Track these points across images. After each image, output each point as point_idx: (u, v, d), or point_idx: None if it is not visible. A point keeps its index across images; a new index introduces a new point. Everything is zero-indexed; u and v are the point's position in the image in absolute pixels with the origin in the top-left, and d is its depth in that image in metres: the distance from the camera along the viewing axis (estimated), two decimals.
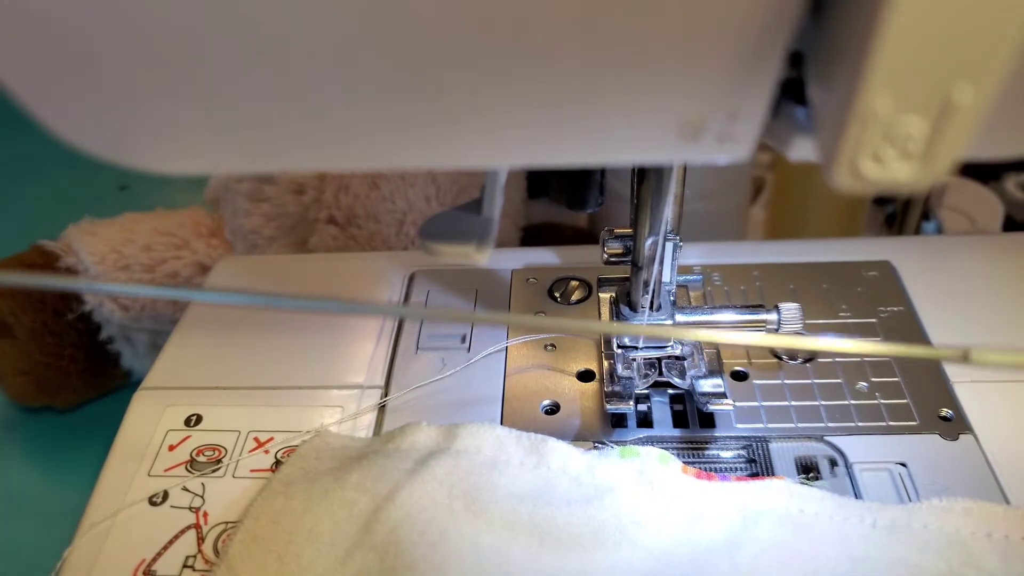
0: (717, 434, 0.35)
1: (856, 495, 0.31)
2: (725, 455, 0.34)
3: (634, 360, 0.35)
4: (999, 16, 0.14)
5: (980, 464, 0.32)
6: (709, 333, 0.21)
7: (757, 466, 0.33)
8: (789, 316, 0.34)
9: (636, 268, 0.34)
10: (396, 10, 0.16)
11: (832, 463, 0.33)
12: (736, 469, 0.34)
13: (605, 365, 0.36)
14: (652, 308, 0.34)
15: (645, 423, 0.35)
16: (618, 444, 0.33)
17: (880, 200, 0.63)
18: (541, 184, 0.58)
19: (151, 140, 0.20)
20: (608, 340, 0.36)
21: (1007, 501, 0.30)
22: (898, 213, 0.62)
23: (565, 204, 0.36)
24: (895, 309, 0.40)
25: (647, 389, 0.35)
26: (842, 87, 0.15)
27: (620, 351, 0.35)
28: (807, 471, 0.33)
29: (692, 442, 0.35)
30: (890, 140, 0.16)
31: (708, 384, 0.34)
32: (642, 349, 0.35)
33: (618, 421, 0.35)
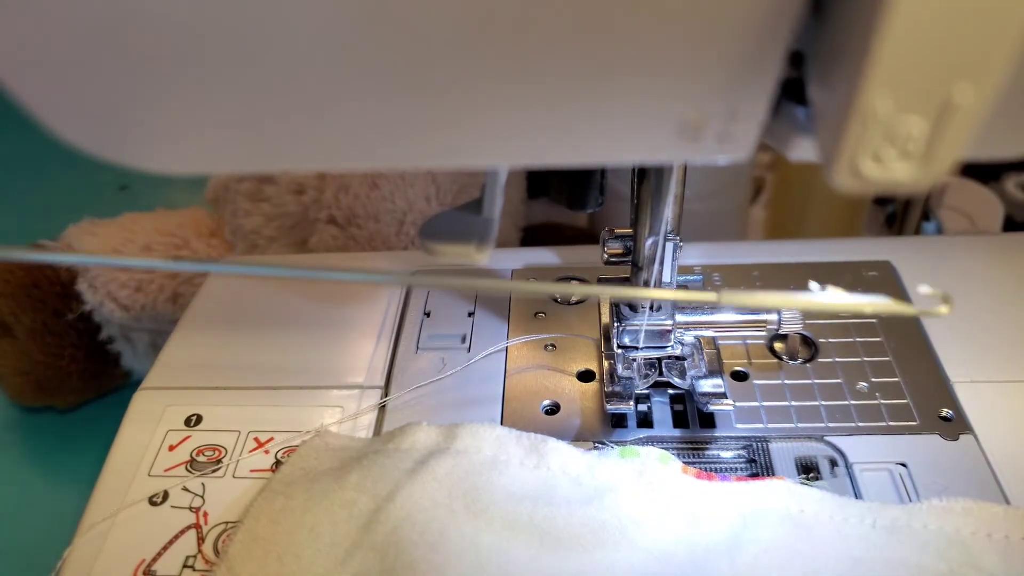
0: (717, 434, 0.35)
1: (856, 495, 0.31)
2: (725, 455, 0.34)
3: (634, 360, 0.35)
4: (999, 16, 0.14)
5: (980, 464, 0.32)
6: (675, 294, 0.21)
7: (757, 466, 0.33)
8: (789, 316, 0.34)
9: (636, 268, 0.34)
10: (396, 10, 0.16)
11: (832, 463, 0.33)
12: (736, 469, 0.34)
13: (605, 365, 0.36)
14: (652, 308, 0.34)
15: (645, 423, 0.35)
16: (618, 444, 0.33)
17: (880, 200, 0.63)
18: (541, 184, 0.58)
19: (151, 140, 0.20)
20: (608, 340, 0.36)
21: (1007, 501, 0.30)
22: (898, 213, 0.62)
23: (565, 204, 0.36)
24: None
25: (647, 389, 0.35)
26: (842, 87, 0.15)
27: (620, 351, 0.35)
28: (807, 471, 0.33)
29: (692, 442, 0.35)
30: (890, 140, 0.16)
31: (708, 384, 0.34)
32: (642, 349, 0.35)
33: (618, 421, 0.35)
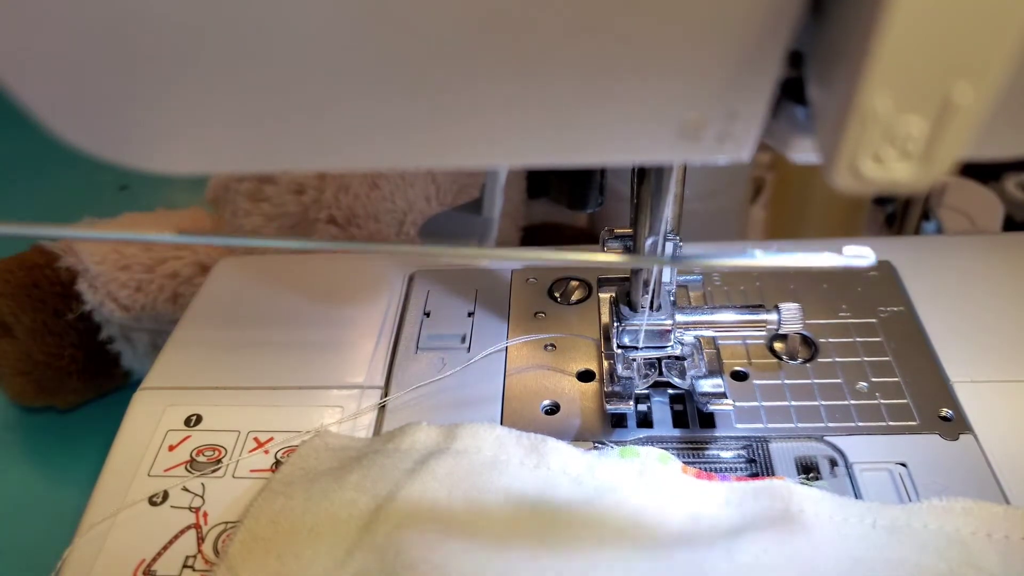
0: (717, 434, 0.35)
1: (856, 495, 0.31)
2: (725, 455, 0.34)
3: (634, 360, 0.35)
4: (999, 16, 0.14)
5: (980, 464, 0.32)
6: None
7: (757, 466, 0.33)
8: (789, 316, 0.34)
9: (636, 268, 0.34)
10: (396, 10, 0.16)
11: (832, 463, 0.33)
12: (736, 469, 0.34)
13: (605, 365, 0.36)
14: (652, 308, 0.34)
15: (645, 423, 0.35)
16: (618, 444, 0.33)
17: (880, 200, 0.63)
18: (541, 184, 0.58)
19: (151, 140, 0.20)
20: (608, 340, 0.36)
21: (1007, 501, 0.30)
22: (898, 213, 0.62)
23: (565, 204, 0.36)
24: (895, 309, 0.40)
25: (647, 389, 0.35)
26: (842, 87, 0.15)
27: (620, 351, 0.35)
28: (807, 471, 0.33)
29: (692, 442, 0.35)
30: (890, 140, 0.16)
31: (708, 384, 0.34)
32: (642, 349, 0.35)
33: (618, 421, 0.35)
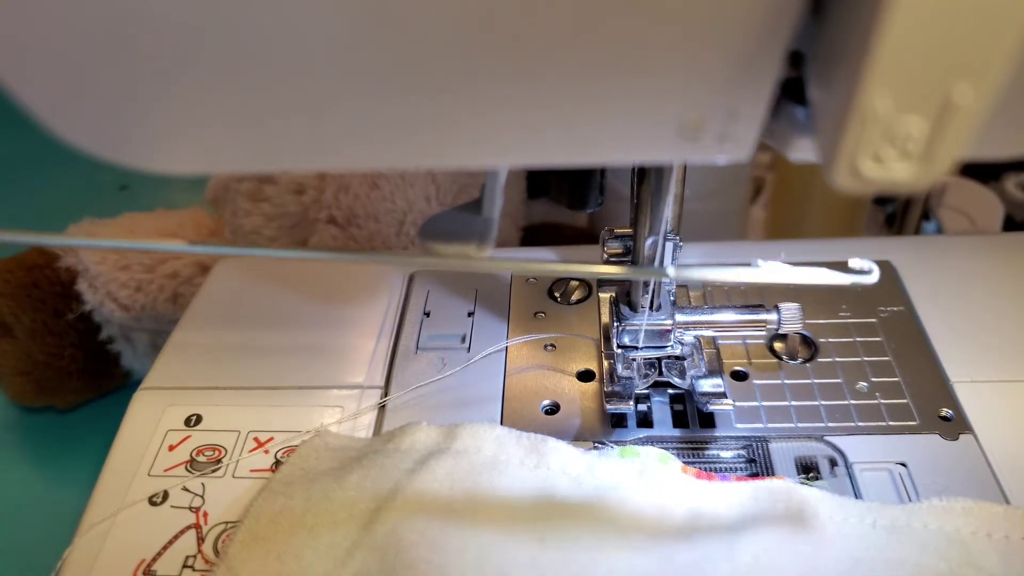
0: (717, 434, 0.35)
1: (856, 495, 0.31)
2: (725, 455, 0.34)
3: (634, 360, 0.35)
4: (999, 16, 0.14)
5: (980, 464, 0.32)
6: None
7: (757, 466, 0.33)
8: (789, 316, 0.34)
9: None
10: (396, 10, 0.16)
11: (832, 463, 0.33)
12: (736, 469, 0.34)
13: (605, 365, 0.36)
14: (652, 308, 0.34)
15: (645, 423, 0.35)
16: (618, 444, 0.33)
17: (880, 200, 0.63)
18: (541, 184, 0.58)
19: (151, 140, 0.20)
20: (608, 340, 0.36)
21: (1007, 501, 0.30)
22: (898, 213, 0.62)
23: (565, 204, 0.36)
24: (895, 309, 0.40)
25: (647, 389, 0.35)
26: (842, 87, 0.15)
27: (620, 351, 0.35)
28: (807, 471, 0.33)
29: (692, 442, 0.35)
30: (890, 140, 0.16)
31: (708, 384, 0.34)
32: (642, 349, 0.35)
33: (618, 421, 0.35)
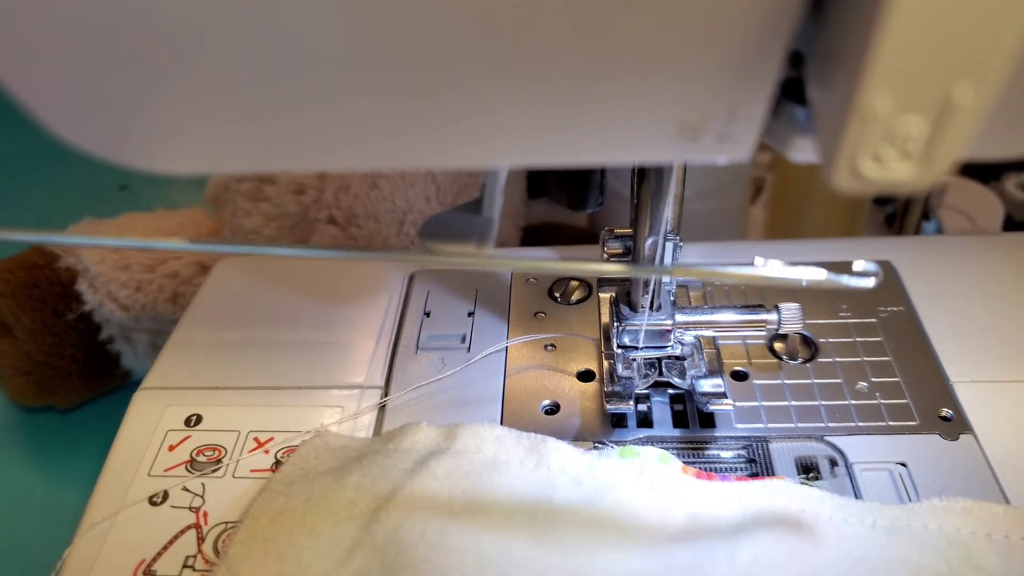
0: (717, 434, 0.35)
1: (856, 495, 0.31)
2: (725, 455, 0.34)
3: (634, 360, 0.35)
4: (999, 16, 0.14)
5: (980, 464, 0.32)
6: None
7: (757, 466, 0.33)
8: (789, 316, 0.34)
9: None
10: (396, 10, 0.16)
11: (832, 463, 0.33)
12: (736, 469, 0.34)
13: (605, 365, 0.36)
14: (652, 308, 0.34)
15: (645, 423, 0.35)
16: (618, 444, 0.33)
17: (880, 200, 0.63)
18: (541, 184, 0.58)
19: (151, 140, 0.20)
20: (608, 340, 0.36)
21: (1007, 501, 0.30)
22: (898, 213, 0.62)
23: (565, 204, 0.36)
24: (895, 309, 0.40)
25: (647, 389, 0.35)
26: (842, 87, 0.15)
27: (620, 351, 0.35)
28: (807, 471, 0.33)
29: (692, 442, 0.35)
30: (890, 140, 0.16)
31: (708, 384, 0.34)
32: (642, 349, 0.35)
33: (618, 421, 0.35)
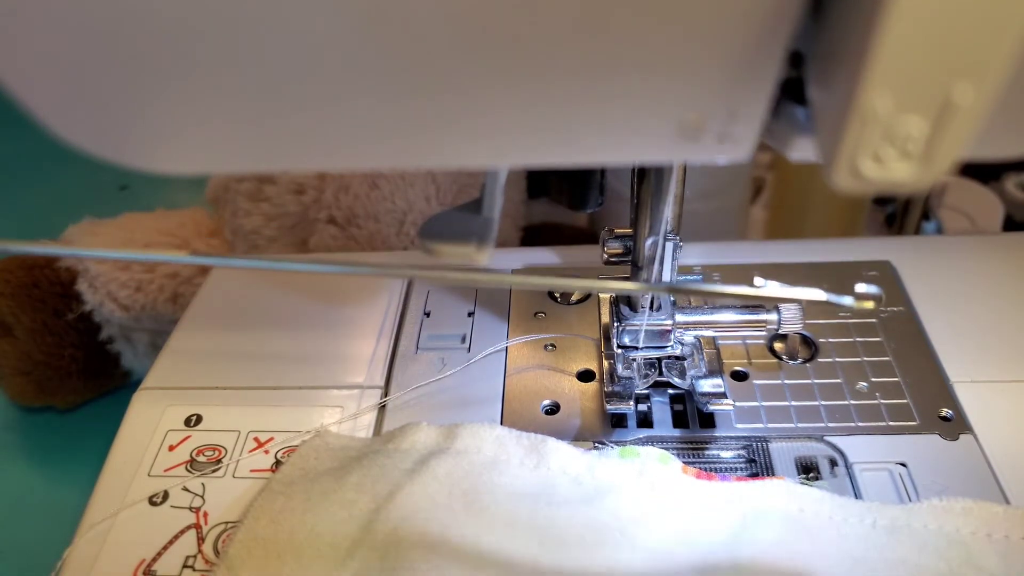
0: (717, 434, 0.35)
1: (856, 495, 0.31)
2: (725, 455, 0.34)
3: (634, 360, 0.35)
4: (999, 16, 0.14)
5: (980, 464, 0.32)
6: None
7: (757, 466, 0.33)
8: (789, 316, 0.34)
9: (636, 268, 0.34)
10: (396, 10, 0.16)
11: (832, 463, 0.33)
12: (736, 469, 0.34)
13: (605, 365, 0.36)
14: (652, 308, 0.34)
15: (645, 423, 0.35)
16: (618, 444, 0.33)
17: (880, 200, 0.63)
18: (541, 184, 0.58)
19: (151, 140, 0.20)
20: (608, 340, 0.36)
21: (1007, 501, 0.30)
22: (898, 213, 0.62)
23: (565, 204, 0.36)
24: (895, 309, 0.40)
25: (647, 389, 0.35)
26: (842, 87, 0.15)
27: (620, 351, 0.35)
28: (807, 471, 0.33)
29: (692, 442, 0.35)
30: (890, 140, 0.16)
31: (708, 384, 0.34)
32: (642, 349, 0.35)
33: (618, 421, 0.35)
